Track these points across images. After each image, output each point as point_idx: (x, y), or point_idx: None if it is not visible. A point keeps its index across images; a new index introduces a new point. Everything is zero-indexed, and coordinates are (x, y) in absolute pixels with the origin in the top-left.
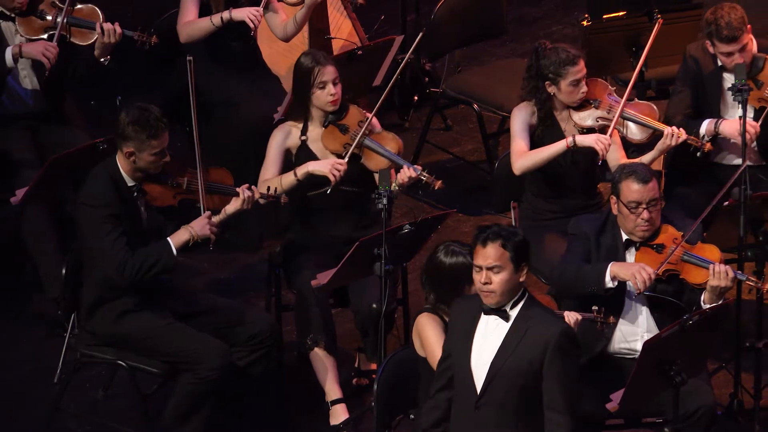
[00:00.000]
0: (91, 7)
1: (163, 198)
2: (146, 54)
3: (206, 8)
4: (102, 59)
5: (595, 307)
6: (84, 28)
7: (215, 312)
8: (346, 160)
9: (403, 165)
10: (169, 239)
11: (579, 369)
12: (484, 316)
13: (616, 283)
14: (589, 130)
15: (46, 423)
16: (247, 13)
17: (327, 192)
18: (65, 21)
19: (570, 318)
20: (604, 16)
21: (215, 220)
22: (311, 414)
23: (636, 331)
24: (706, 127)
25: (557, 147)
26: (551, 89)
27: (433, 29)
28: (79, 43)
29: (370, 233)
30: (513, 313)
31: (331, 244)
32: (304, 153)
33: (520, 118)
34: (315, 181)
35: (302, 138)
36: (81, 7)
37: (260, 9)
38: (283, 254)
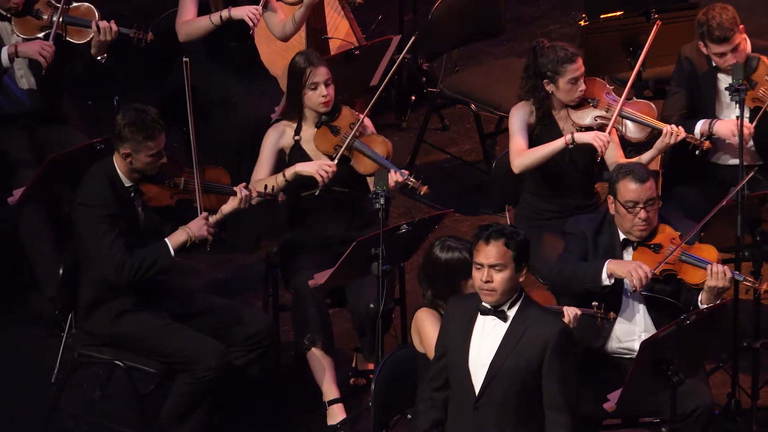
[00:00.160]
0: (87, 6)
1: (160, 198)
2: (143, 52)
3: (205, 7)
4: (99, 57)
5: (595, 303)
6: (80, 27)
7: (212, 312)
8: (335, 161)
9: (390, 169)
10: (166, 240)
11: (577, 367)
12: (481, 316)
13: (613, 281)
14: (587, 129)
15: (44, 423)
16: (246, 12)
17: (315, 193)
18: (61, 20)
19: (569, 313)
20: (602, 16)
21: (212, 220)
22: (309, 414)
23: (633, 331)
24: (700, 128)
25: (556, 145)
26: (549, 87)
27: (431, 29)
28: (75, 42)
29: (366, 233)
30: (511, 313)
31: (327, 245)
32: (298, 153)
33: (519, 117)
34: (304, 181)
35: (295, 138)
36: (77, 6)
37: (259, 8)
38: (280, 254)
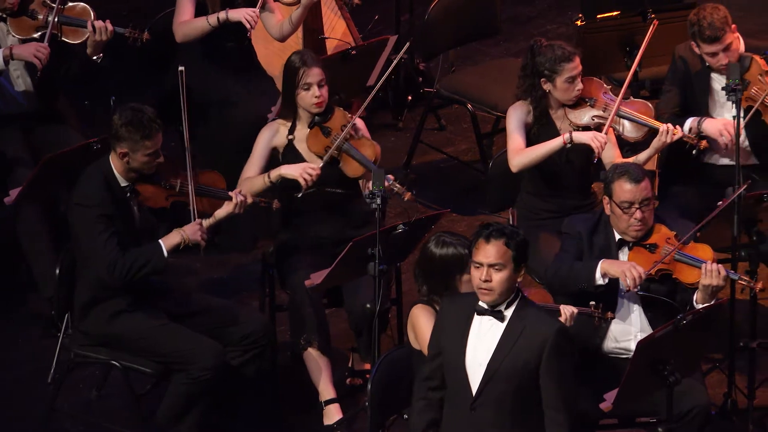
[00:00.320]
0: (83, 5)
1: (156, 199)
2: (140, 52)
3: (202, 8)
4: (95, 57)
5: (592, 303)
6: (75, 27)
7: (209, 312)
8: (321, 164)
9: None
10: (160, 241)
11: (574, 367)
12: (478, 316)
13: (607, 280)
14: (584, 129)
15: (42, 423)
16: (244, 14)
17: (298, 196)
18: (56, 20)
19: (566, 311)
20: (598, 16)
21: (206, 225)
22: (305, 414)
23: (629, 331)
24: (689, 125)
25: (554, 144)
26: (547, 86)
27: (427, 29)
28: (71, 42)
29: (362, 233)
30: (508, 313)
31: (322, 245)
32: (291, 152)
33: (516, 116)
34: (288, 184)
35: (289, 137)
36: (72, 5)
37: (256, 10)
38: (277, 254)
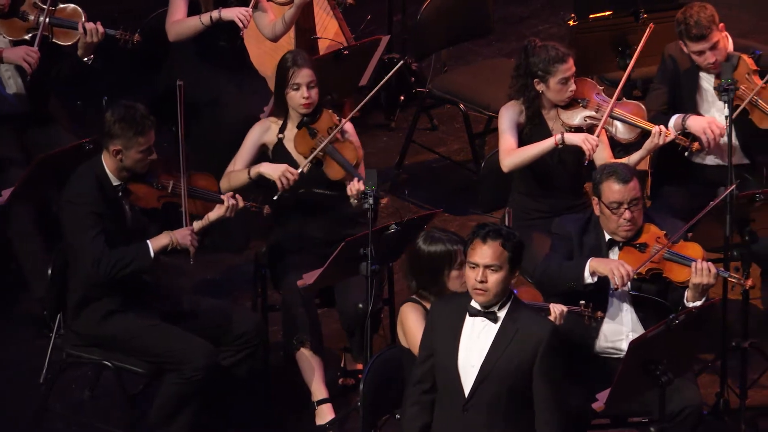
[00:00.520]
0: (73, 7)
1: (148, 199)
2: (131, 53)
3: (195, 7)
4: (85, 59)
5: (582, 302)
6: (66, 28)
7: (201, 312)
8: (301, 168)
9: (354, 177)
10: (148, 241)
11: (564, 367)
12: (470, 318)
13: (596, 279)
14: (576, 130)
15: (33, 423)
16: (237, 13)
17: (274, 198)
18: (47, 21)
19: (555, 310)
20: (591, 16)
21: (197, 227)
22: (297, 414)
23: (621, 330)
24: (673, 122)
25: (546, 144)
26: (540, 87)
27: (420, 29)
28: (62, 43)
29: (354, 233)
30: (501, 315)
31: (315, 245)
32: (280, 151)
33: (508, 116)
34: (268, 183)
35: (279, 136)
36: (63, 7)
37: (249, 9)
38: (269, 255)
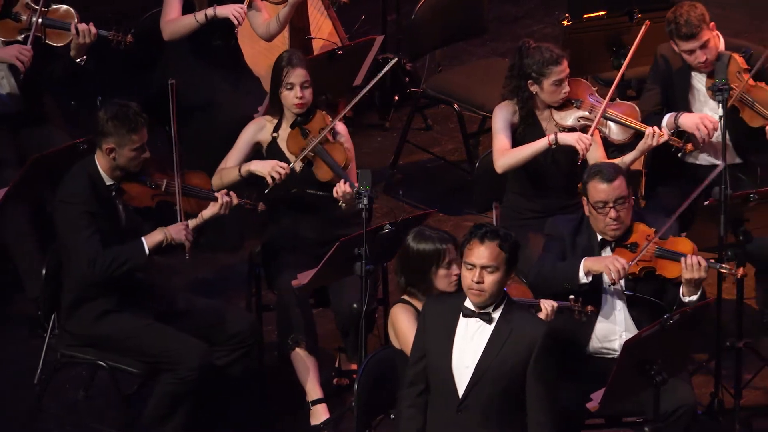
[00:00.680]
0: (66, 8)
1: (141, 198)
2: (124, 54)
3: (190, 5)
4: (78, 60)
5: (572, 297)
6: (59, 29)
7: (195, 312)
8: (291, 164)
9: (341, 179)
10: (143, 239)
11: (557, 367)
12: (464, 318)
13: (590, 278)
14: (570, 130)
15: (27, 423)
16: (231, 11)
17: (266, 193)
18: (40, 22)
19: (546, 306)
20: (585, 16)
21: (191, 225)
22: (292, 414)
23: (615, 330)
24: (666, 121)
25: (539, 145)
26: (534, 88)
27: (414, 29)
28: (54, 44)
29: (348, 233)
30: (495, 315)
31: (309, 245)
32: (274, 150)
33: (502, 116)
34: (259, 180)
35: (273, 135)
36: (56, 8)
37: (244, 6)
38: (264, 254)
